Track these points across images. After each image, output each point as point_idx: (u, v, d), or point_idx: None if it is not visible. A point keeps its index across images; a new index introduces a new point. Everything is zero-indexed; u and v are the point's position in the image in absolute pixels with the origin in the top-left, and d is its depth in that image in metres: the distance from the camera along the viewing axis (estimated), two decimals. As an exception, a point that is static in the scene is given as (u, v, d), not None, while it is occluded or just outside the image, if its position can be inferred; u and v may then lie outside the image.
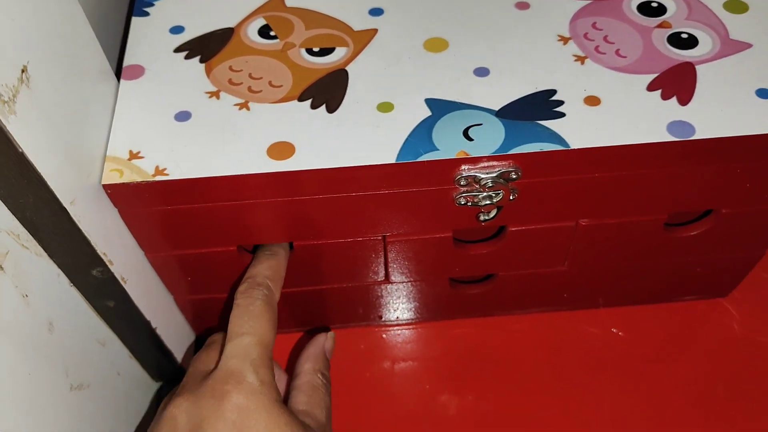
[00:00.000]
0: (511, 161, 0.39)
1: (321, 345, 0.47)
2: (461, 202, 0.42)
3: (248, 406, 0.37)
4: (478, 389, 0.54)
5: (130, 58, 0.44)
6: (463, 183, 0.40)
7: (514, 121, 0.40)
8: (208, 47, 0.45)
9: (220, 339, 0.43)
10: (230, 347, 0.39)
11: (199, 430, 0.37)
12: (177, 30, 0.46)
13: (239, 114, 0.41)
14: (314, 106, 0.42)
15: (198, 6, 0.48)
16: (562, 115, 0.41)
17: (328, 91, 0.42)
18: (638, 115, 0.41)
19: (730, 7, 0.47)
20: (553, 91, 0.42)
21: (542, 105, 0.41)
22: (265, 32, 0.46)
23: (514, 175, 0.40)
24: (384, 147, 0.39)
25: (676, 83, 0.42)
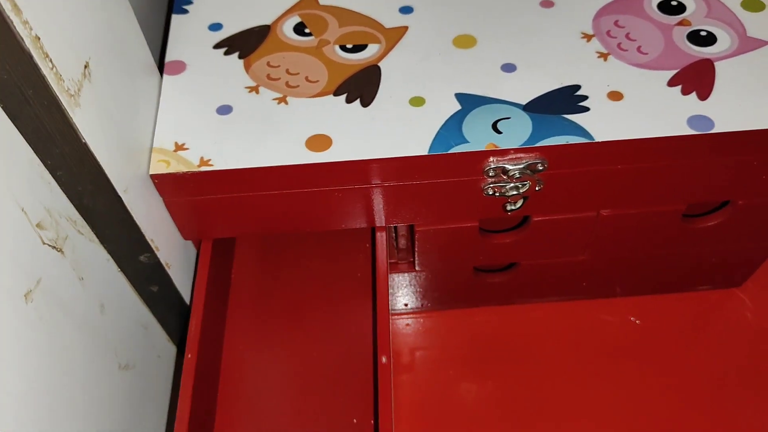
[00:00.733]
0: (538, 153, 0.41)
1: None
2: (489, 193, 0.43)
3: None
4: (498, 375, 0.56)
5: (171, 54, 0.46)
6: (491, 174, 0.42)
7: (540, 115, 0.42)
8: (246, 44, 0.47)
9: None
10: None
11: None
12: (215, 27, 0.48)
13: (278, 108, 0.43)
14: (349, 101, 0.43)
15: (234, 4, 0.49)
16: (586, 109, 0.42)
17: (362, 86, 0.44)
18: (659, 109, 0.42)
19: (748, 6, 0.48)
20: (578, 86, 0.44)
21: (567, 99, 0.43)
22: (300, 29, 0.48)
23: (540, 166, 0.42)
24: (416, 139, 0.41)
25: (696, 79, 0.44)
